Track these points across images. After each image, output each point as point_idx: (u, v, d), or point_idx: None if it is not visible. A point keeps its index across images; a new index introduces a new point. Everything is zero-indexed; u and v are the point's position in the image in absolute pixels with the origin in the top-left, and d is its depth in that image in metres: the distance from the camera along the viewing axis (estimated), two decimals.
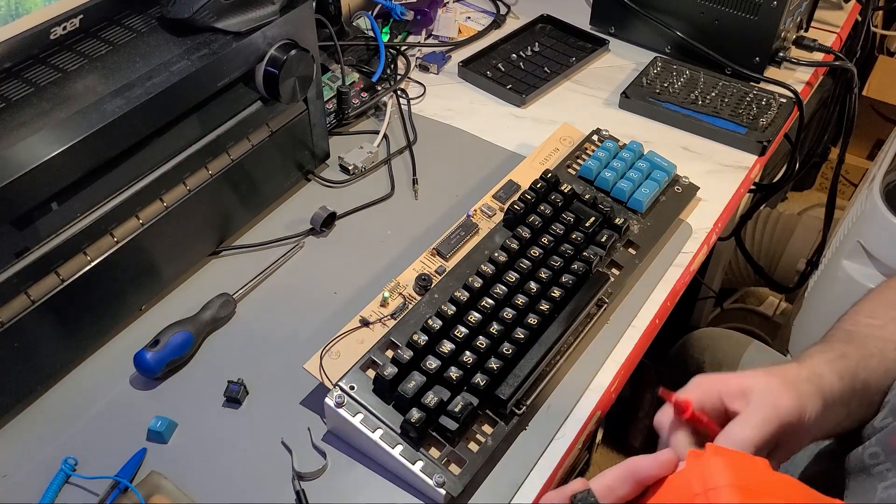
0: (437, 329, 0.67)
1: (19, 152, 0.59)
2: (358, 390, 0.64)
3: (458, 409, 0.62)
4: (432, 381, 0.64)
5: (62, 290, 0.65)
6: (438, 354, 0.65)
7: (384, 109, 0.99)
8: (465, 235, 0.78)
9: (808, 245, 1.52)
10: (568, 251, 0.76)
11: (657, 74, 1.06)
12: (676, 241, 0.84)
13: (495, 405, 0.65)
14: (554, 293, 0.72)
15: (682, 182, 0.88)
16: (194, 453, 0.65)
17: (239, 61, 0.72)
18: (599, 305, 0.75)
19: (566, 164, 0.87)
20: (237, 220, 0.82)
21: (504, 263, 0.73)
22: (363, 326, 0.69)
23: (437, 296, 0.71)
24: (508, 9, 1.22)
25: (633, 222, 0.82)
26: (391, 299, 0.71)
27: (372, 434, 0.62)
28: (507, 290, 0.71)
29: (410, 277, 0.73)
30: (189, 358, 0.71)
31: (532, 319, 0.69)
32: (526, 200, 0.79)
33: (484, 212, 0.81)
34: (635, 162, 0.87)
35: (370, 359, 0.66)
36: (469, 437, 0.64)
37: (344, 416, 0.62)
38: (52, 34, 0.67)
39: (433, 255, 0.76)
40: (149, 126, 0.67)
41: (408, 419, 0.61)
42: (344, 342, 0.68)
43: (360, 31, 1.08)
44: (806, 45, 1.11)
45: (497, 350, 0.67)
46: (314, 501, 0.61)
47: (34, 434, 0.66)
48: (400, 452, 0.61)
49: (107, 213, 0.66)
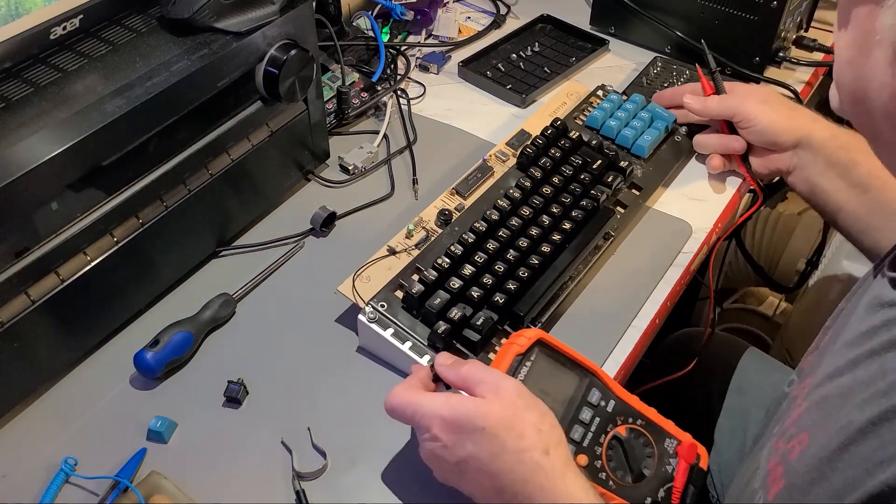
0: (459, 254, 0.73)
1: (19, 152, 0.59)
2: (388, 308, 0.70)
3: (480, 323, 0.68)
4: (456, 298, 0.70)
5: (62, 290, 0.65)
6: (461, 276, 0.72)
7: (384, 109, 0.99)
8: (481, 177, 0.84)
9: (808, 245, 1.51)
10: (577, 189, 0.82)
11: (657, 74, 1.06)
12: (676, 241, 0.84)
13: (514, 321, 0.71)
14: (565, 225, 0.78)
15: (682, 132, 0.94)
16: (194, 453, 0.65)
17: (239, 61, 0.72)
18: (606, 238, 0.81)
19: (573, 116, 0.94)
20: (237, 220, 0.82)
21: (518, 199, 0.80)
22: (390, 255, 0.75)
23: (457, 228, 0.77)
24: (508, 9, 1.22)
25: (637, 166, 0.88)
26: (415, 232, 0.78)
27: (402, 346, 0.68)
28: (522, 223, 0.77)
29: (432, 213, 0.80)
30: (189, 358, 0.71)
31: (545, 248, 0.76)
32: (537, 145, 0.85)
33: (498, 157, 0.87)
34: (638, 112, 0.93)
35: (398, 281, 0.72)
36: (489, 349, 0.70)
37: (376, 330, 0.69)
38: (52, 34, 0.67)
39: (453, 194, 0.82)
40: (149, 126, 0.67)
41: (435, 330, 0.67)
42: (373, 268, 0.74)
43: (360, 31, 1.08)
44: (806, 45, 1.11)
45: (514, 273, 0.73)
46: (314, 501, 0.61)
47: (34, 434, 0.66)
48: (427, 362, 0.67)
49: (107, 213, 0.66)
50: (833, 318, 0.64)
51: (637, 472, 0.58)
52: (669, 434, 0.60)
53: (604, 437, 0.58)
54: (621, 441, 0.58)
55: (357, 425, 0.67)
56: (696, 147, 0.92)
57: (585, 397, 0.60)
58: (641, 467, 0.58)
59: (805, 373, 0.62)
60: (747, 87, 0.90)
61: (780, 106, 0.86)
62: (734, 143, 0.87)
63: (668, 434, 0.60)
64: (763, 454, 0.59)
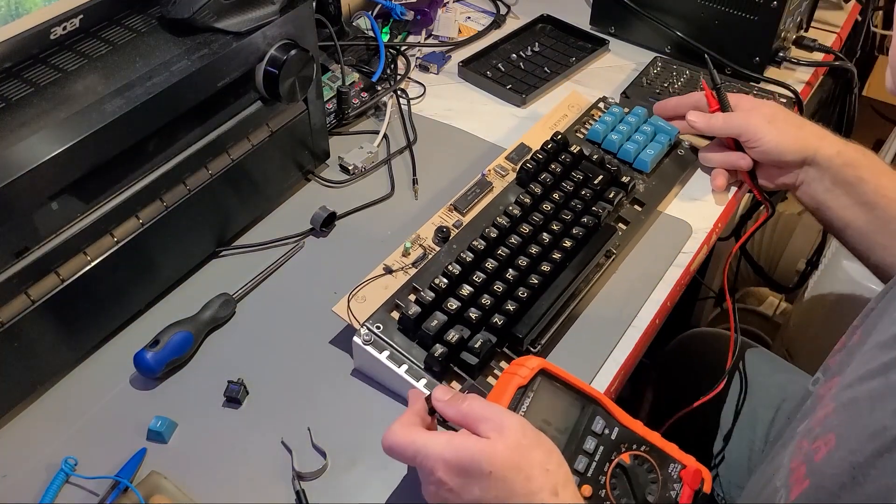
0: (456, 274, 0.71)
1: (19, 152, 0.59)
2: (384, 330, 0.68)
3: (479, 346, 0.66)
4: (453, 320, 0.69)
5: (62, 290, 0.65)
6: (458, 297, 0.70)
7: (384, 109, 0.99)
8: (479, 193, 0.82)
9: (808, 245, 1.52)
10: (578, 206, 0.81)
11: (657, 74, 1.06)
12: (676, 241, 0.84)
13: (513, 343, 0.70)
14: (565, 243, 0.77)
15: (685, 146, 0.93)
16: (194, 453, 0.65)
17: (239, 61, 0.72)
18: (608, 256, 0.79)
19: (574, 129, 0.92)
20: (237, 220, 0.82)
21: (518, 217, 0.78)
22: (387, 274, 0.73)
23: (455, 246, 0.75)
24: (508, 9, 1.22)
25: (639, 181, 0.87)
26: (412, 250, 0.76)
27: (398, 369, 0.66)
28: (521, 241, 0.76)
29: (430, 230, 0.78)
30: (189, 358, 0.71)
31: (545, 266, 0.74)
32: (537, 160, 0.84)
33: (497, 171, 0.86)
34: (640, 126, 0.92)
35: (394, 301, 0.70)
36: (488, 372, 0.68)
37: (371, 353, 0.67)
38: (52, 34, 0.67)
39: (451, 211, 0.81)
40: (149, 126, 0.67)
41: (431, 353, 0.66)
42: (369, 288, 0.72)
43: (360, 31, 1.08)
44: (806, 45, 1.11)
45: (513, 294, 0.71)
46: (314, 501, 0.61)
47: (34, 434, 0.66)
48: (424, 385, 0.66)
49: (107, 213, 0.66)
50: (862, 317, 0.64)
51: (641, 499, 0.57)
52: (673, 459, 0.59)
53: (608, 466, 0.57)
54: (625, 469, 0.57)
55: (357, 425, 0.67)
56: (702, 161, 0.91)
57: (589, 426, 0.59)
58: (646, 493, 0.57)
59: (832, 372, 0.61)
60: (752, 103, 0.88)
61: (787, 124, 0.84)
62: (740, 161, 0.86)
63: (673, 459, 0.59)
64: (786, 453, 0.59)
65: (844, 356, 0.61)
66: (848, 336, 0.64)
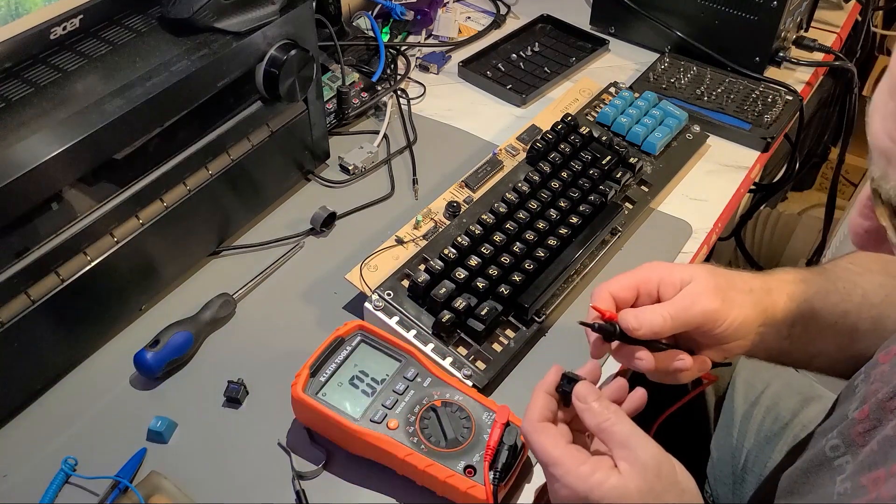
0: (465, 245, 0.74)
1: (19, 152, 0.59)
2: (394, 296, 0.71)
3: (485, 313, 0.69)
4: (461, 288, 0.71)
5: (62, 290, 0.65)
6: (467, 266, 0.73)
7: (384, 109, 0.99)
8: (490, 170, 0.85)
9: (808, 245, 1.51)
10: (585, 184, 0.83)
11: (664, 70, 1.06)
12: (676, 241, 0.84)
13: (518, 312, 0.72)
14: (572, 220, 0.79)
15: (693, 130, 0.95)
16: (194, 453, 0.65)
17: (239, 61, 0.72)
18: (613, 233, 0.82)
19: (585, 112, 0.94)
20: (237, 219, 0.82)
21: (527, 193, 0.81)
22: (398, 245, 0.76)
23: (465, 220, 0.78)
24: (508, 9, 1.22)
25: (647, 163, 0.89)
26: (423, 223, 0.78)
27: (407, 333, 0.69)
28: (530, 216, 0.79)
29: (441, 205, 0.80)
30: (189, 358, 0.71)
31: (552, 241, 0.76)
32: (547, 140, 0.85)
33: (508, 151, 0.88)
34: (649, 110, 0.94)
35: (405, 271, 0.73)
36: (493, 339, 0.71)
37: (382, 318, 0.70)
38: (52, 34, 0.67)
39: (462, 187, 0.83)
40: (149, 126, 0.67)
41: (439, 319, 0.68)
42: (380, 257, 0.75)
43: (360, 31, 1.08)
44: (806, 45, 1.11)
45: (520, 266, 0.74)
46: (314, 501, 0.61)
47: (34, 434, 0.66)
48: (432, 349, 0.69)
49: (107, 213, 0.66)
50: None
51: (451, 438, 0.61)
52: (487, 408, 0.63)
53: (419, 408, 0.62)
54: (436, 411, 0.62)
55: None
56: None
57: (401, 373, 0.64)
58: (457, 435, 0.61)
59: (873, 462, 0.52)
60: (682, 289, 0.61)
61: (733, 291, 0.61)
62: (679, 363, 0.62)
63: (486, 408, 0.63)
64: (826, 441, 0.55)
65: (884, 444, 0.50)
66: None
